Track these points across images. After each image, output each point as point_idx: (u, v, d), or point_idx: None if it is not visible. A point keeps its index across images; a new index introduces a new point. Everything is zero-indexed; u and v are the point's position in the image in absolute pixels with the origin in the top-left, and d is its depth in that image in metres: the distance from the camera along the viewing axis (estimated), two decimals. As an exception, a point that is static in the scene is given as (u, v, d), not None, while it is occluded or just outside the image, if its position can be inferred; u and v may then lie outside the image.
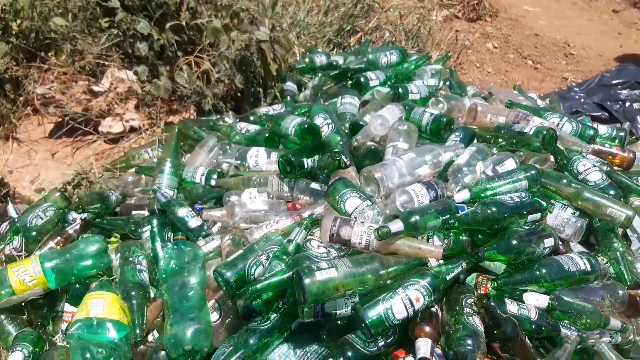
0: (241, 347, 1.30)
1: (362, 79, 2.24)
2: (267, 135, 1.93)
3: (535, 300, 1.37)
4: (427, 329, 1.22)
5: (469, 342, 1.18)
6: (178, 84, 2.37)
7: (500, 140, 1.87)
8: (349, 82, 2.31)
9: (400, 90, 2.12)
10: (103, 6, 2.36)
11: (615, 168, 1.89)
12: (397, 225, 1.26)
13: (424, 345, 1.18)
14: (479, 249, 1.31)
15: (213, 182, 1.88)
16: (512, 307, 1.33)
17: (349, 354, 1.22)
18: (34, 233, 1.84)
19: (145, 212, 1.87)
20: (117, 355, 1.34)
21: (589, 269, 1.42)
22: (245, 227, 1.66)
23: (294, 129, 1.76)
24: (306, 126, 1.74)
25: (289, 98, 2.46)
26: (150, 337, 1.51)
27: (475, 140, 1.75)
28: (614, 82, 3.18)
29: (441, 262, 1.35)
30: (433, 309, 1.28)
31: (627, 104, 2.99)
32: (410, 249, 1.29)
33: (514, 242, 1.34)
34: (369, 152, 1.63)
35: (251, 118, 2.19)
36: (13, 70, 2.33)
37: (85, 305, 1.46)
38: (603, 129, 2.05)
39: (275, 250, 1.41)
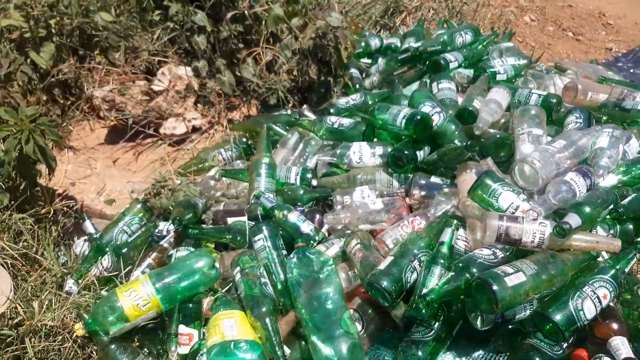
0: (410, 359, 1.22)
1: (441, 61, 2.13)
2: (364, 128, 1.82)
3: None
4: (616, 326, 1.16)
5: (663, 335, 1.13)
6: (244, 78, 2.23)
7: (606, 118, 1.80)
8: (426, 64, 2.20)
9: (487, 71, 2.03)
10: (155, -1, 2.20)
11: None
12: (575, 220, 1.18)
13: (622, 344, 1.11)
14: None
15: (314, 182, 1.77)
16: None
17: (537, 359, 1.15)
18: (124, 250, 1.72)
19: (243, 219, 1.76)
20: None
21: None
22: (365, 229, 1.57)
23: (403, 120, 1.65)
24: (418, 117, 1.63)
25: (357, 86, 2.35)
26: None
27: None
28: (661, 50, 3.14)
29: (605, 254, 1.28)
30: (611, 304, 1.22)
31: (680, 72, 2.96)
32: (587, 244, 1.22)
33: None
34: (498, 141, 1.54)
35: (331, 110, 2.07)
36: (63, 73, 2.16)
37: (217, 328, 1.36)
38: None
39: (427, 254, 1.33)
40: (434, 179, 1.60)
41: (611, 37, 3.43)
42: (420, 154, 1.66)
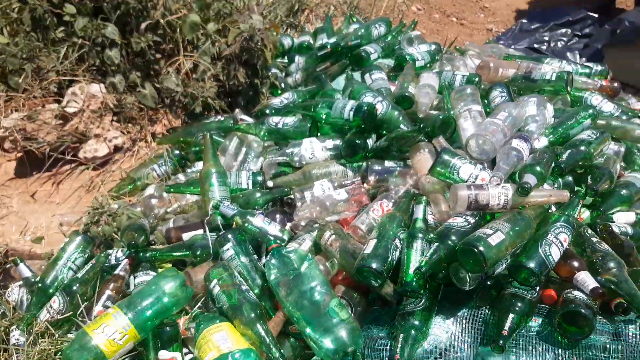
0: (410, 329, 1.28)
1: (363, 54, 2.22)
2: (309, 125, 1.84)
3: (625, 218, 1.54)
4: (577, 264, 1.31)
5: (612, 264, 1.30)
6: (165, 89, 2.13)
7: (517, 89, 2.01)
8: (348, 58, 2.28)
9: (408, 59, 2.15)
10: (55, 14, 2.01)
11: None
12: (532, 179, 1.32)
13: (587, 277, 1.26)
14: (592, 185, 1.43)
15: (270, 184, 1.76)
16: (614, 227, 1.48)
17: (519, 304, 1.25)
18: (75, 287, 1.57)
19: (200, 232, 1.70)
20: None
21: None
22: (332, 220, 1.60)
23: (350, 112, 1.71)
24: (365, 108, 1.69)
25: (282, 85, 2.35)
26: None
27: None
28: (533, 27, 3.55)
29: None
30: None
31: (552, 44, 3.37)
32: (543, 198, 1.36)
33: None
34: (443, 121, 1.64)
35: (267, 111, 2.06)
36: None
37: (210, 344, 1.31)
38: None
39: (404, 231, 1.39)
40: (387, 164, 1.67)
41: (489, 19, 3.81)
42: (369, 143, 1.73)
